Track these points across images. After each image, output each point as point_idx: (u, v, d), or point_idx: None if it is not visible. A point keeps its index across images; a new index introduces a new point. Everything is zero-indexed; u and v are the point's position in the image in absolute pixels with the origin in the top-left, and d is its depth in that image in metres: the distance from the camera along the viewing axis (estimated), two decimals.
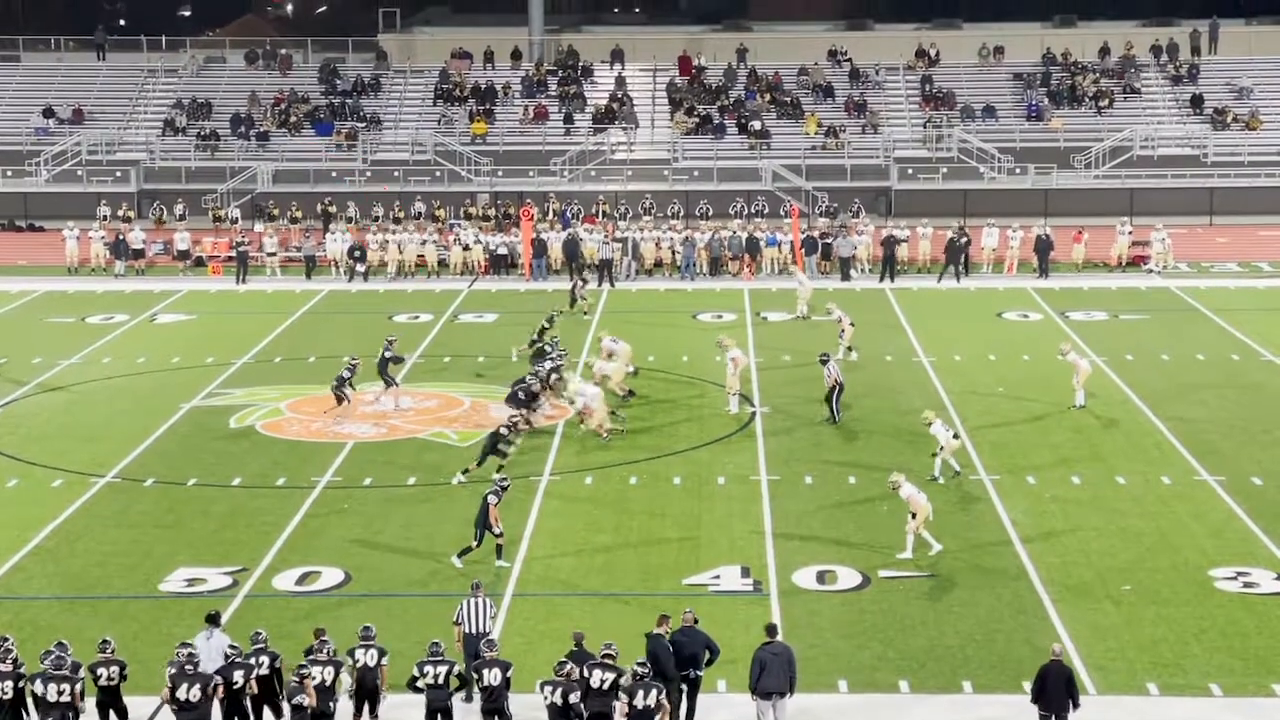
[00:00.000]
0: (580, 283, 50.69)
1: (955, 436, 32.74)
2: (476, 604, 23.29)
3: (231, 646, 21.95)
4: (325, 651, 21.71)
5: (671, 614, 22.68)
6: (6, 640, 21.79)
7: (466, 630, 23.13)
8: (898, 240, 55.35)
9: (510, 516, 30.29)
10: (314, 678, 21.31)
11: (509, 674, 21.57)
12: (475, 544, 28.11)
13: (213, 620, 23.00)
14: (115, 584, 27.59)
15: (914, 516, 28.31)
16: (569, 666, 21.18)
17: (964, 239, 55.33)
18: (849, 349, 42.39)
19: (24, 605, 26.73)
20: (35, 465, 34.26)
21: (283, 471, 33.57)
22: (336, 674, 21.60)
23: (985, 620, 25.68)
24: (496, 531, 27.96)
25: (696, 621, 22.66)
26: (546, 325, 42.33)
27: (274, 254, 56.76)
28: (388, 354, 38.97)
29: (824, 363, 37.23)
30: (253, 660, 21.74)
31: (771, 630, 22.40)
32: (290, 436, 36.27)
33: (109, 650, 21.83)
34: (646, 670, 21.04)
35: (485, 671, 21.54)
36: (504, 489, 28.49)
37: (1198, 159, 70.54)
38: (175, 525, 30.44)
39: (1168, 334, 46.04)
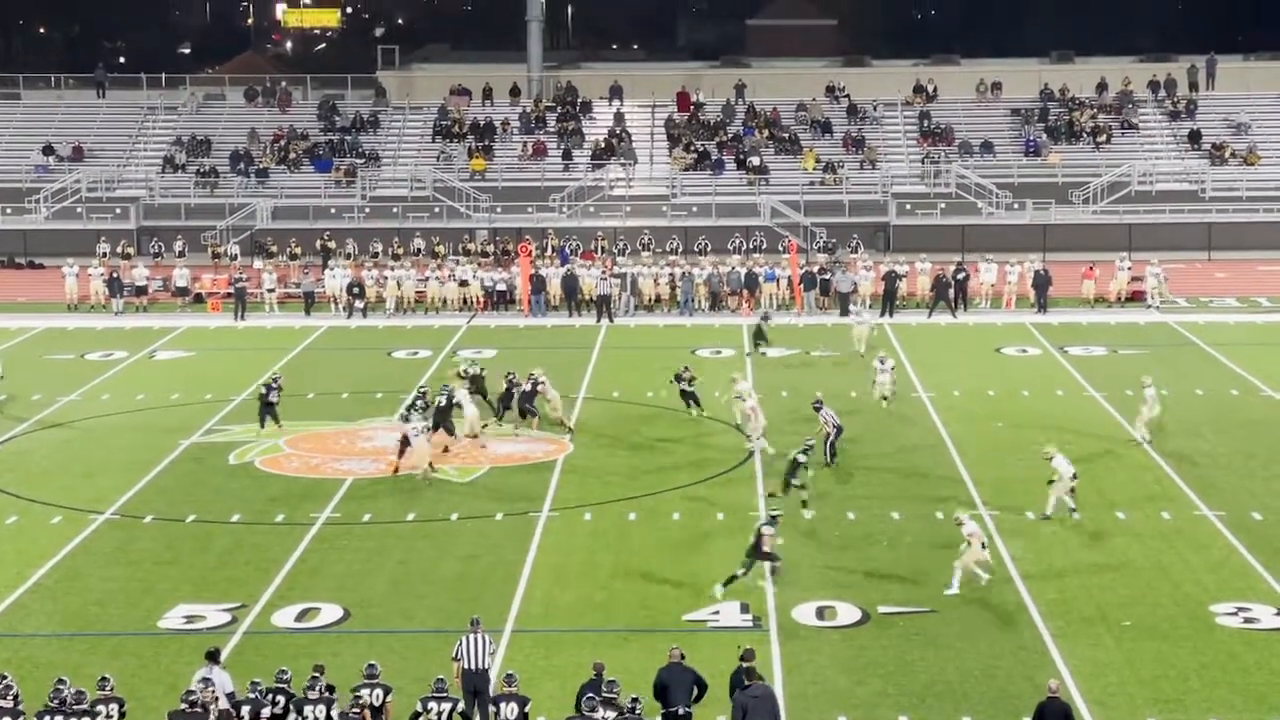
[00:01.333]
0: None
1: (1075, 476, 32.32)
2: (476, 640, 23.25)
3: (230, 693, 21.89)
4: (316, 689, 21.59)
5: (678, 646, 22.71)
6: (5, 678, 21.73)
7: (465, 666, 23.10)
8: (898, 275, 55.41)
9: (509, 553, 30.31)
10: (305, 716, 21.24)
11: (526, 709, 21.54)
12: (743, 572, 28.07)
13: (212, 657, 22.95)
14: (114, 621, 27.53)
15: (968, 548, 28.29)
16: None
17: (961, 274, 55.42)
18: (884, 399, 40.56)
19: (23, 642, 26.68)
20: (34, 502, 34.23)
21: (282, 508, 33.53)
22: (328, 712, 21.45)
23: (985, 656, 25.63)
24: (773, 557, 28.27)
25: (683, 657, 22.64)
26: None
27: (273, 290, 56.80)
28: (271, 396, 38.81)
29: (818, 409, 37.04)
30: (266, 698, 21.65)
31: (750, 673, 22.01)
32: (289, 472, 36.25)
33: (108, 688, 21.77)
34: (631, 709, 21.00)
35: (503, 706, 21.50)
36: (775, 520, 28.69)
37: (1196, 194, 70.71)
38: (174, 562, 30.40)
39: (1167, 369, 46.01)
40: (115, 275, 57.17)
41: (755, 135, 75.30)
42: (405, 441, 35.85)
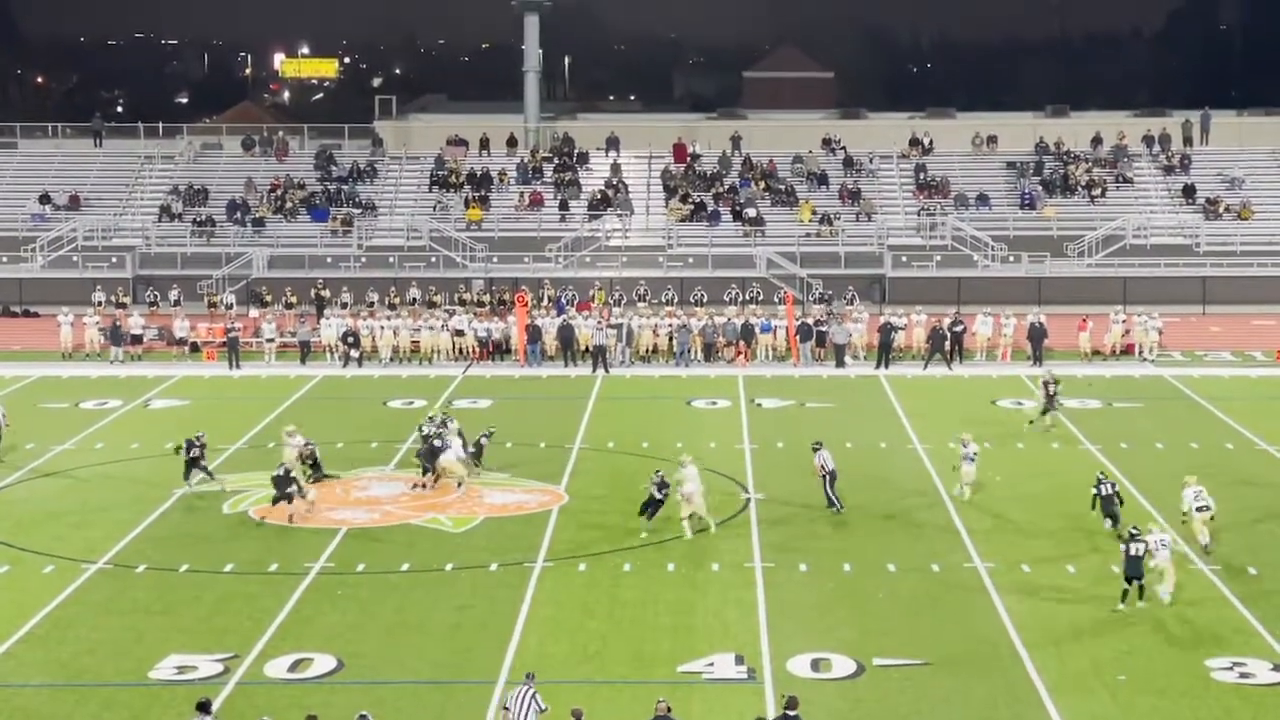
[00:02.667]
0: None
1: (1203, 509, 33.03)
2: (524, 693, 23.28)
3: None
4: None
5: (664, 698, 22.65)
6: None
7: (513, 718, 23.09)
8: (894, 328, 55.45)
9: (503, 603, 30.22)
10: None
11: None
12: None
13: (203, 708, 22.83)
14: (106, 671, 27.40)
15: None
16: None
17: (958, 327, 55.48)
18: (966, 487, 37.60)
19: (14, 693, 26.54)
20: (26, 551, 34.10)
21: (275, 557, 33.43)
22: None
23: (980, 710, 25.53)
24: None
25: (669, 710, 22.57)
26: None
27: (272, 340, 56.73)
28: (193, 453, 38.64)
29: (816, 450, 37.09)
30: None
31: None
32: (283, 522, 36.12)
33: None
34: None
35: None
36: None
37: (1190, 248, 70.91)
38: (166, 612, 30.28)
39: (1162, 423, 46.05)
40: (116, 325, 57.14)
41: (751, 187, 75.50)
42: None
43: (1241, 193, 74.83)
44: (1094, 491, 34.84)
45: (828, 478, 36.52)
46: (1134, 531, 30.32)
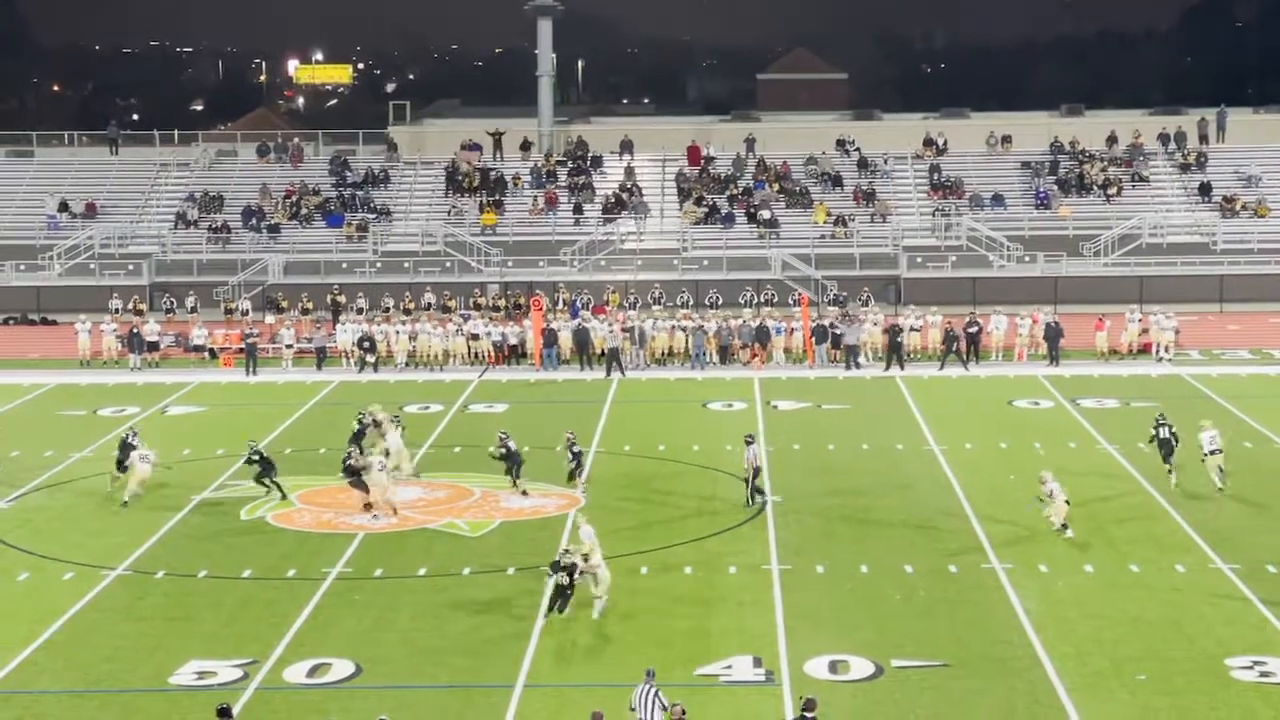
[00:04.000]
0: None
1: (1215, 452, 35.13)
2: (647, 691, 23.35)
3: None
4: None
5: (680, 702, 22.67)
6: None
7: (640, 717, 23.17)
8: (901, 329, 55.37)
9: (520, 607, 30.23)
10: None
11: None
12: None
13: (223, 714, 22.87)
14: (126, 678, 27.45)
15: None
16: None
17: (974, 328, 55.44)
18: (1063, 526, 34.98)
19: (34, 699, 26.60)
20: (46, 558, 34.19)
21: (293, 563, 33.48)
22: None
23: (999, 711, 25.49)
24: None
25: (684, 714, 22.58)
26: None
27: (291, 346, 56.77)
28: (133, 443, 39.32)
29: (749, 443, 37.48)
30: None
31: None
32: (301, 528, 36.21)
33: None
34: None
35: None
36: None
37: (1207, 246, 70.78)
38: (186, 618, 30.33)
39: (1180, 421, 45.83)
40: (135, 331, 57.23)
41: (766, 189, 75.50)
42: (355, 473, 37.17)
43: (1258, 190, 74.68)
44: (1153, 432, 38.55)
45: (752, 473, 36.96)
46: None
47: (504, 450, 38.63)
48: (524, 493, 38.54)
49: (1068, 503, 34.57)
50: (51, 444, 44.58)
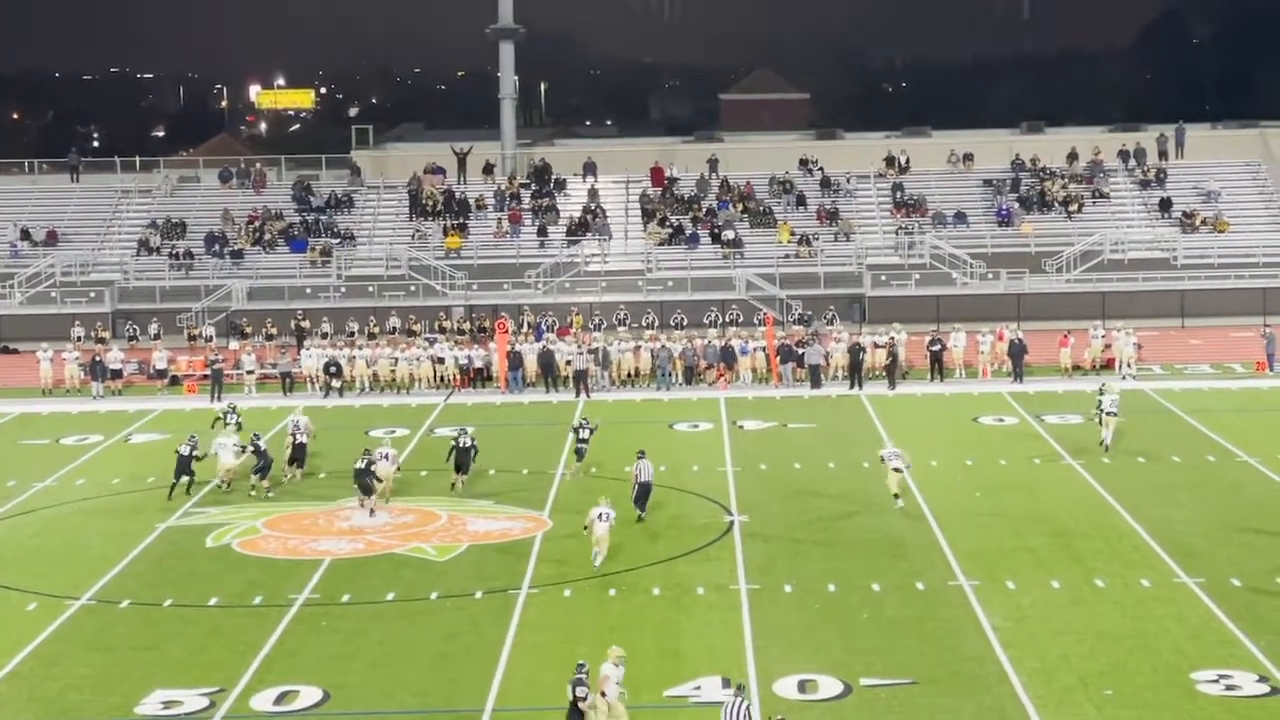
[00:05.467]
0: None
1: (1112, 414, 35.63)
2: (738, 706, 23.30)
3: None
4: None
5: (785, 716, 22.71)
6: None
7: None
8: (864, 348, 55.49)
9: (489, 631, 30.18)
10: None
11: None
12: None
13: None
14: (91, 708, 27.30)
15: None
16: None
17: (936, 345, 55.65)
18: (895, 496, 38.36)
19: None
20: (10, 589, 33.99)
21: (260, 590, 33.36)
22: None
23: None
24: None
25: None
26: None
27: (252, 372, 56.64)
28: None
29: (640, 457, 38.17)
30: None
31: None
32: (267, 554, 36.09)
33: None
34: None
35: None
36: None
37: (1168, 262, 71.15)
38: (151, 647, 30.19)
39: (1143, 436, 46.14)
40: (97, 359, 57.00)
41: (729, 209, 75.63)
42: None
43: (1217, 205, 75.13)
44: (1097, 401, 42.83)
45: (638, 488, 37.53)
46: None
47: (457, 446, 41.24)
48: (452, 485, 41.28)
49: (896, 470, 38.15)
50: (14, 473, 44.35)
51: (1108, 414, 43.94)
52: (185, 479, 41.19)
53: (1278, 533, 35.85)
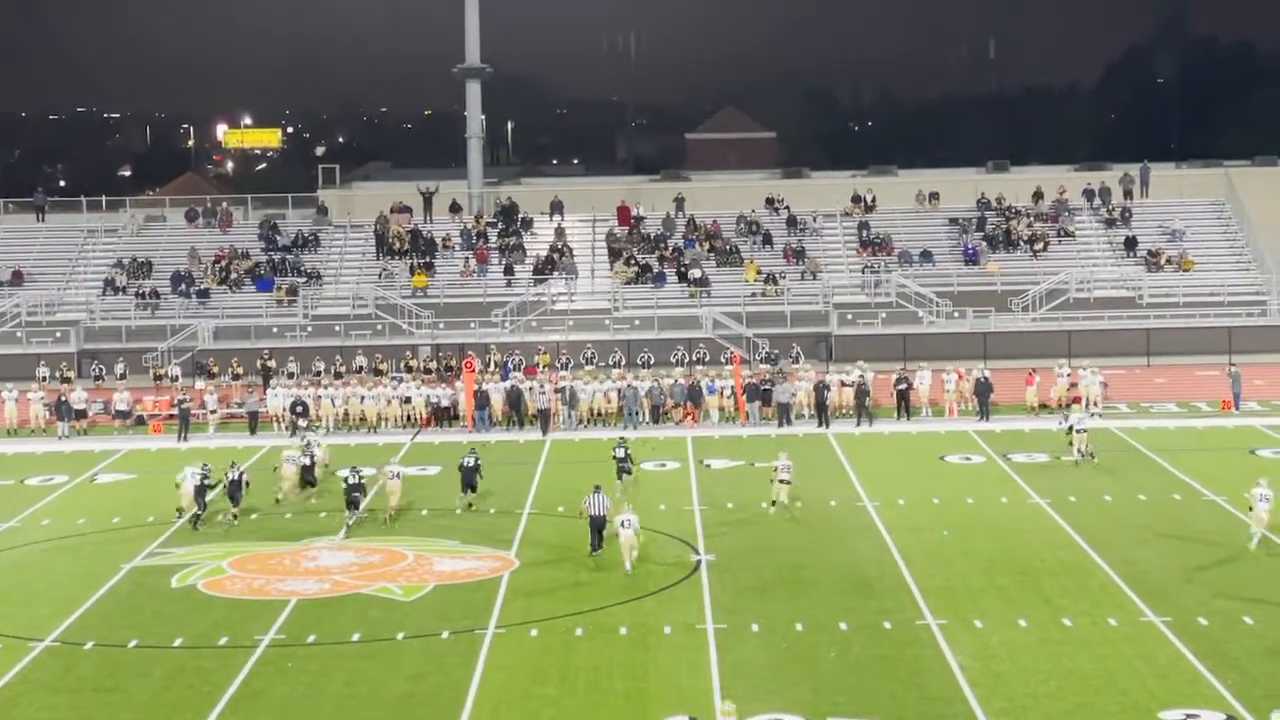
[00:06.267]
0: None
1: (1081, 432, 37.53)
2: None
3: None
4: None
5: None
6: None
7: None
8: (829, 386, 55.59)
9: (455, 671, 30.06)
10: None
11: None
12: None
13: None
14: None
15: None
16: None
17: (903, 384, 55.77)
18: (771, 503, 40.57)
19: None
20: None
21: (225, 631, 33.18)
22: None
23: None
24: None
25: None
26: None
27: (214, 411, 56.45)
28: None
29: (595, 491, 38.62)
30: None
31: None
32: (233, 595, 35.91)
33: None
34: None
35: None
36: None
37: (1133, 300, 71.44)
38: (115, 689, 29.98)
39: (1109, 475, 46.26)
40: (62, 399, 56.74)
41: (696, 248, 75.75)
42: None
43: (1182, 244, 75.51)
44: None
45: (591, 521, 38.09)
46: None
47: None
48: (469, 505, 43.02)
49: (784, 482, 41.83)
50: None
51: (1078, 431, 47.10)
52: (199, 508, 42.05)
53: (1245, 571, 35.95)
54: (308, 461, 45.35)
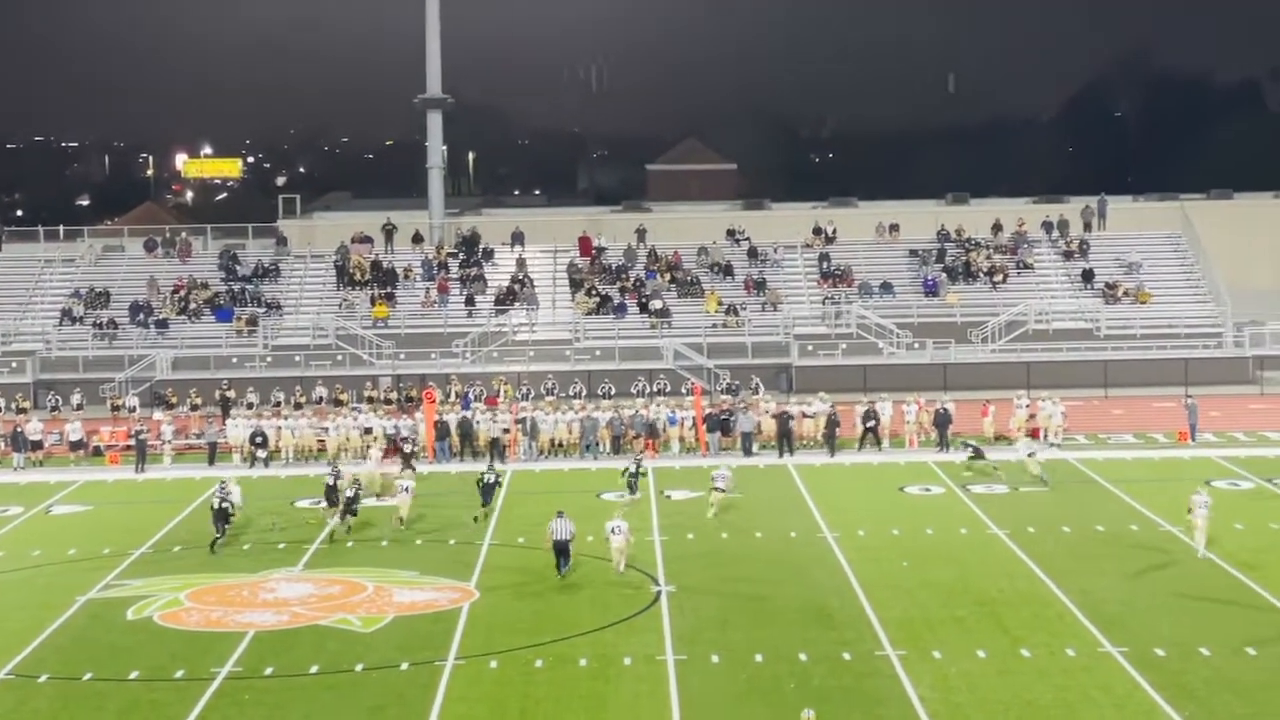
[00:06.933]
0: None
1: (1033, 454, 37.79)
2: None
3: None
4: None
5: None
6: None
7: None
8: (792, 416, 55.71)
9: (415, 703, 29.93)
10: None
11: None
12: None
13: None
14: None
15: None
16: None
17: (871, 420, 55.79)
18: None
19: None
20: None
21: (181, 663, 32.96)
22: None
23: None
24: None
25: None
26: None
27: (169, 441, 56.10)
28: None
29: (558, 516, 39.33)
30: None
31: None
32: (189, 627, 35.69)
33: None
34: None
35: None
36: None
37: (1091, 332, 71.79)
38: None
39: (1067, 506, 46.41)
40: (18, 430, 56.40)
41: (657, 279, 75.84)
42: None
43: (1139, 277, 75.94)
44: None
45: (555, 545, 38.76)
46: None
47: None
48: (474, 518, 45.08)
49: (720, 490, 45.22)
50: None
51: (1030, 455, 49.57)
52: (221, 530, 42.77)
53: (1201, 602, 36.07)
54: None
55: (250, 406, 61.33)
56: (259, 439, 55.23)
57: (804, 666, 31.90)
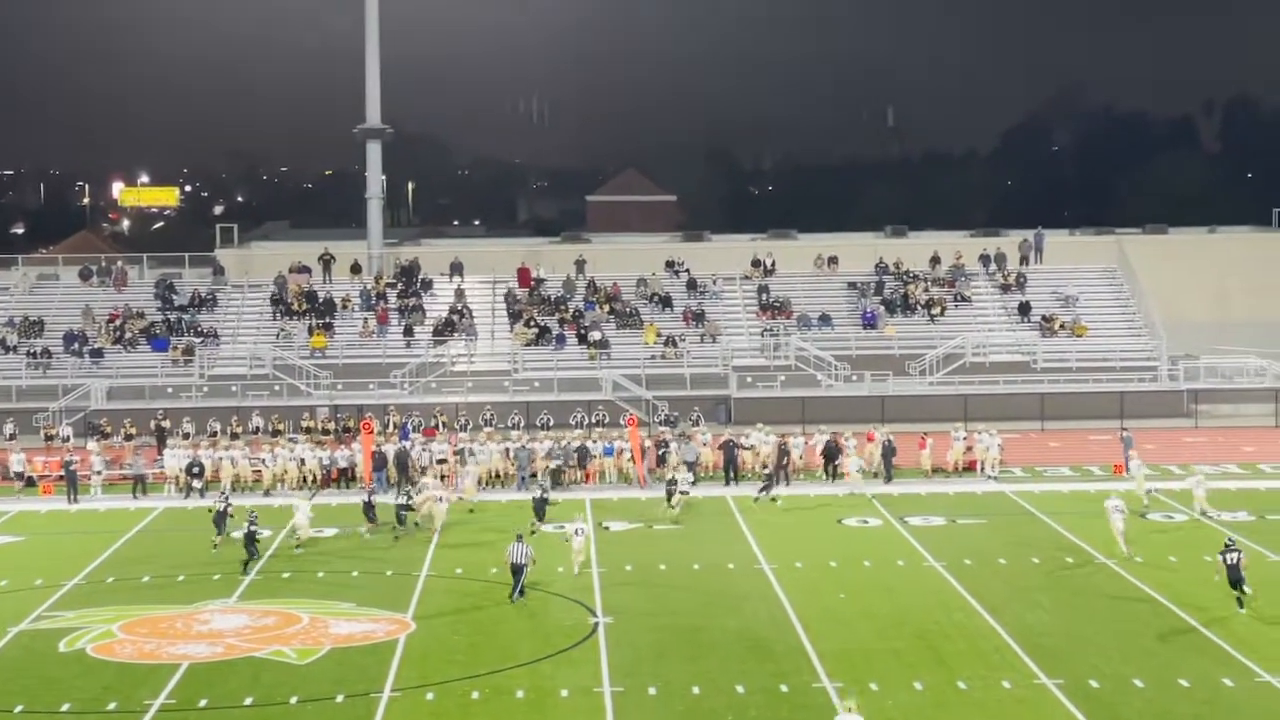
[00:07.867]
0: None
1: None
2: None
3: None
4: None
5: None
6: None
7: None
8: (737, 445, 55.84)
9: None
10: None
11: None
12: None
13: None
14: None
15: None
16: None
17: (837, 460, 55.80)
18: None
19: None
20: None
21: (114, 696, 32.66)
22: None
23: None
24: None
25: None
26: None
27: (100, 472, 55.56)
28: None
29: (517, 540, 39.98)
30: None
31: None
32: (122, 659, 35.37)
33: None
34: None
35: None
36: None
37: (1028, 365, 72.22)
38: None
39: (1004, 538, 46.60)
40: None
41: (596, 310, 75.86)
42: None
43: (1075, 310, 76.48)
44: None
45: (513, 569, 39.41)
46: (1229, 543, 38.15)
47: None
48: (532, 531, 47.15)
49: (683, 494, 48.79)
50: None
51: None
52: (252, 553, 43.70)
53: (1135, 634, 36.28)
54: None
55: (186, 437, 60.91)
56: (195, 469, 54.85)
57: (741, 698, 31.89)
